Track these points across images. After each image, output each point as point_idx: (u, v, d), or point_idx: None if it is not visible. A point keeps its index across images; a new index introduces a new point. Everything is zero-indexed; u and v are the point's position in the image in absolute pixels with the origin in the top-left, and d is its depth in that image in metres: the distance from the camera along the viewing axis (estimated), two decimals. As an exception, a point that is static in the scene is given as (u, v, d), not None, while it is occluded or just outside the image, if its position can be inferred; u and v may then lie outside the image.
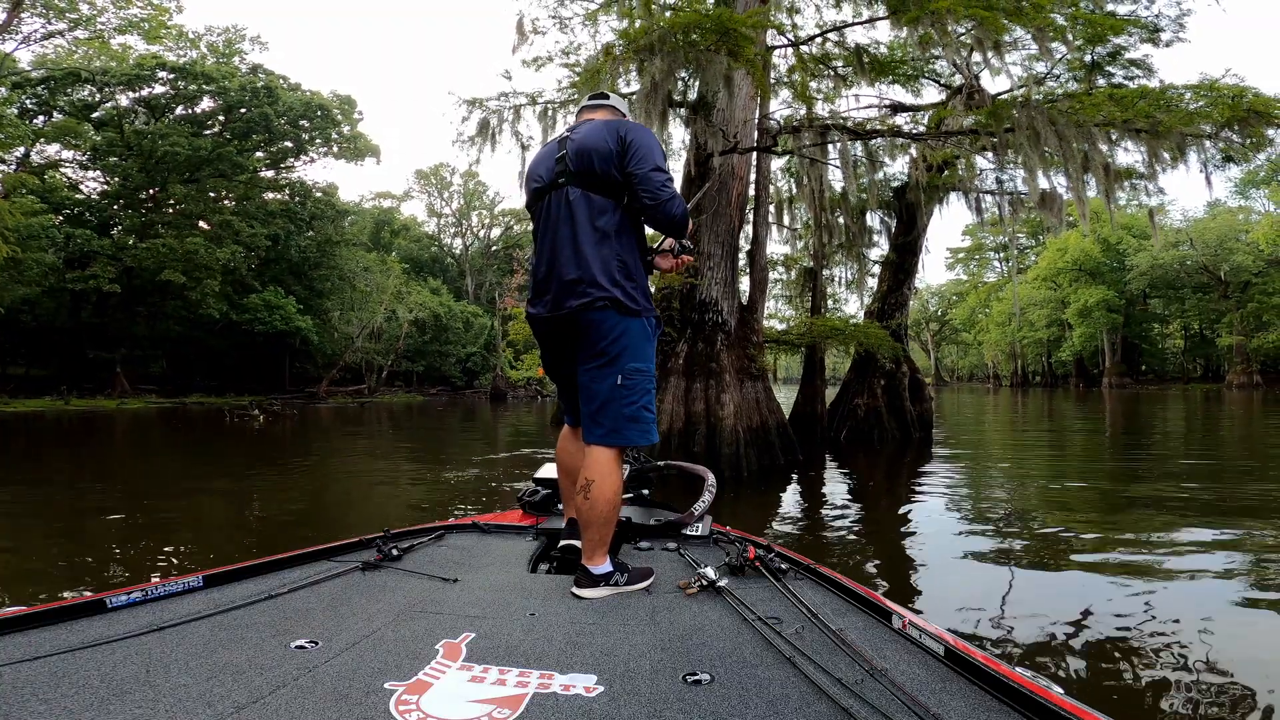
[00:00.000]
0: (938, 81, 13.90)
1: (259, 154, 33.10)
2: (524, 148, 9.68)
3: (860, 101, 15.03)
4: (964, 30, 9.46)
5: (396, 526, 2.61)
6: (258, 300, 31.81)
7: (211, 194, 31.64)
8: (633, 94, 9.05)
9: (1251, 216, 44.77)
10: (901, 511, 6.19)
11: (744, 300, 9.80)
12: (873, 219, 14.36)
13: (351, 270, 37.26)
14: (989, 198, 11.97)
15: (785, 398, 13.71)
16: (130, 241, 28.78)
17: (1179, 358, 54.09)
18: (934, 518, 5.85)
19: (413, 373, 44.08)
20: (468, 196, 53.94)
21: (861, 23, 11.99)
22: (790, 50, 13.13)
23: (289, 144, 33.22)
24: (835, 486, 7.87)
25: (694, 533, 2.60)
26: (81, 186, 31.41)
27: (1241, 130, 7.11)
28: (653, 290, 10.43)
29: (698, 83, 9.16)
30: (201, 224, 30.69)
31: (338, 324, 37.44)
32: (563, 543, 2.34)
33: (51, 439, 14.86)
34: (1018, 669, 1.30)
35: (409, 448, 13.02)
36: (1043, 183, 10.49)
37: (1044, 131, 7.63)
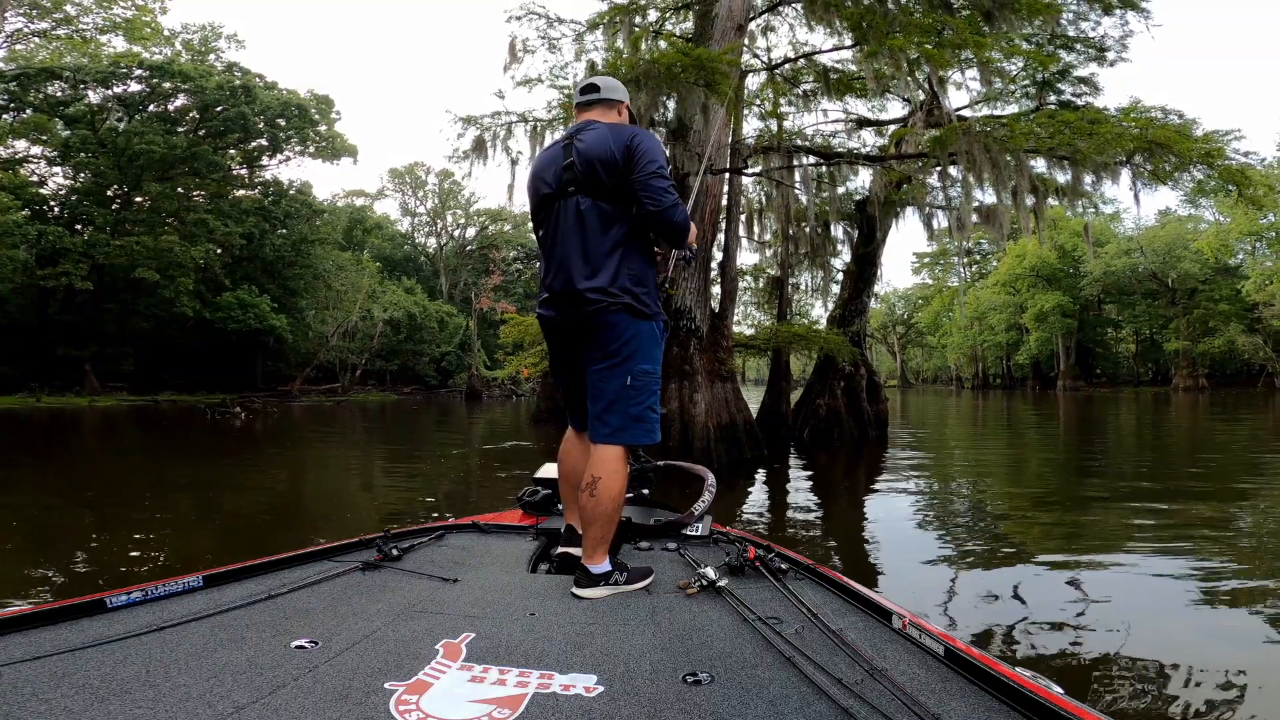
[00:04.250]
0: (902, 97, 14.81)
1: (232, 151, 33.05)
2: (514, 162, 10.38)
3: (828, 116, 15.89)
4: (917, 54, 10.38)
5: (395, 523, 2.74)
6: (231, 298, 31.80)
7: (181, 190, 31.49)
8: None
9: (1200, 225, 46.94)
10: (855, 499, 7.01)
11: (715, 308, 10.57)
12: (837, 230, 15.27)
13: (326, 269, 37.33)
14: (940, 213, 12.92)
15: (755, 398, 14.55)
16: (103, 238, 28.61)
17: (1130, 362, 56.24)
18: (886, 507, 6.68)
19: (386, 371, 44.14)
20: (442, 196, 54.03)
21: (828, 51, 12.88)
22: (763, 71, 14.01)
23: (265, 142, 33.21)
24: (797, 479, 8.68)
25: (694, 533, 2.61)
26: (50, 183, 31.12)
27: (1149, 158, 8.08)
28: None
29: (674, 105, 9.90)
30: (176, 221, 30.59)
31: (312, 323, 37.47)
32: (560, 550, 2.36)
33: (38, 436, 15.03)
34: (1018, 669, 1.31)
35: (390, 446, 13.53)
36: (989, 198, 11.49)
37: (980, 157, 8.54)
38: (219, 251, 32.02)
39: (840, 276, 15.05)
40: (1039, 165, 10.18)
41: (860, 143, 15.92)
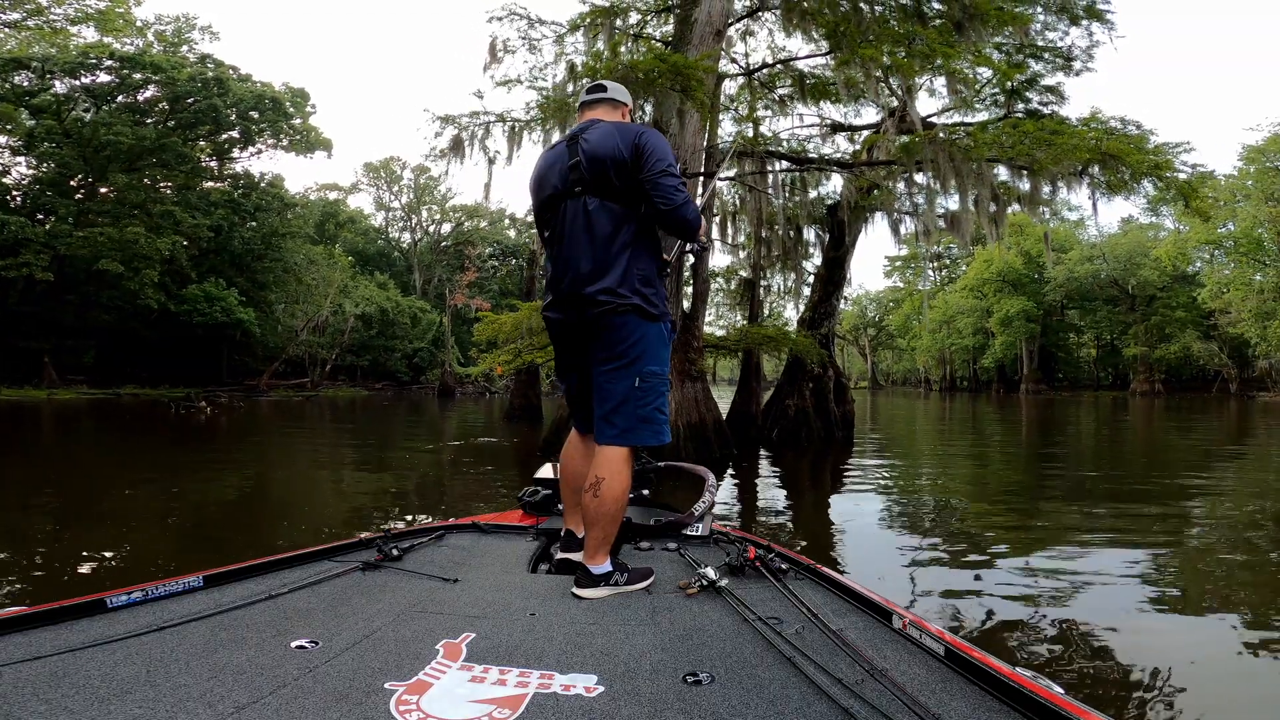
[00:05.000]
0: (876, 103, 15.11)
1: (203, 143, 32.48)
2: (491, 162, 10.43)
3: (804, 121, 16.16)
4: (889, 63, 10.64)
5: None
6: (197, 291, 31.23)
7: (148, 181, 30.86)
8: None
9: (1160, 233, 48.42)
10: (821, 497, 7.22)
11: (686, 309, 10.74)
12: (809, 233, 15.54)
13: (296, 262, 36.81)
14: (908, 218, 13.23)
15: (727, 398, 14.77)
16: (66, 229, 27.90)
17: (1091, 366, 57.79)
18: (850, 505, 6.89)
19: (357, 367, 43.62)
20: (418, 191, 53.52)
21: (804, 57, 13.13)
22: (741, 76, 14.23)
23: (236, 135, 32.71)
24: (765, 476, 8.88)
25: (694, 533, 2.62)
26: (13, 172, 30.24)
27: (1103, 169, 8.43)
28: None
29: (650, 109, 10.03)
30: (142, 213, 29.97)
31: (281, 317, 36.91)
32: (558, 556, 2.36)
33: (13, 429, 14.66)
34: (1018, 669, 1.31)
35: (359, 442, 13.47)
36: (953, 205, 11.84)
37: (944, 165, 8.83)
38: (185, 244, 31.41)
39: (811, 279, 15.33)
40: (1003, 173, 10.54)
41: (834, 147, 16.25)
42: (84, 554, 4.39)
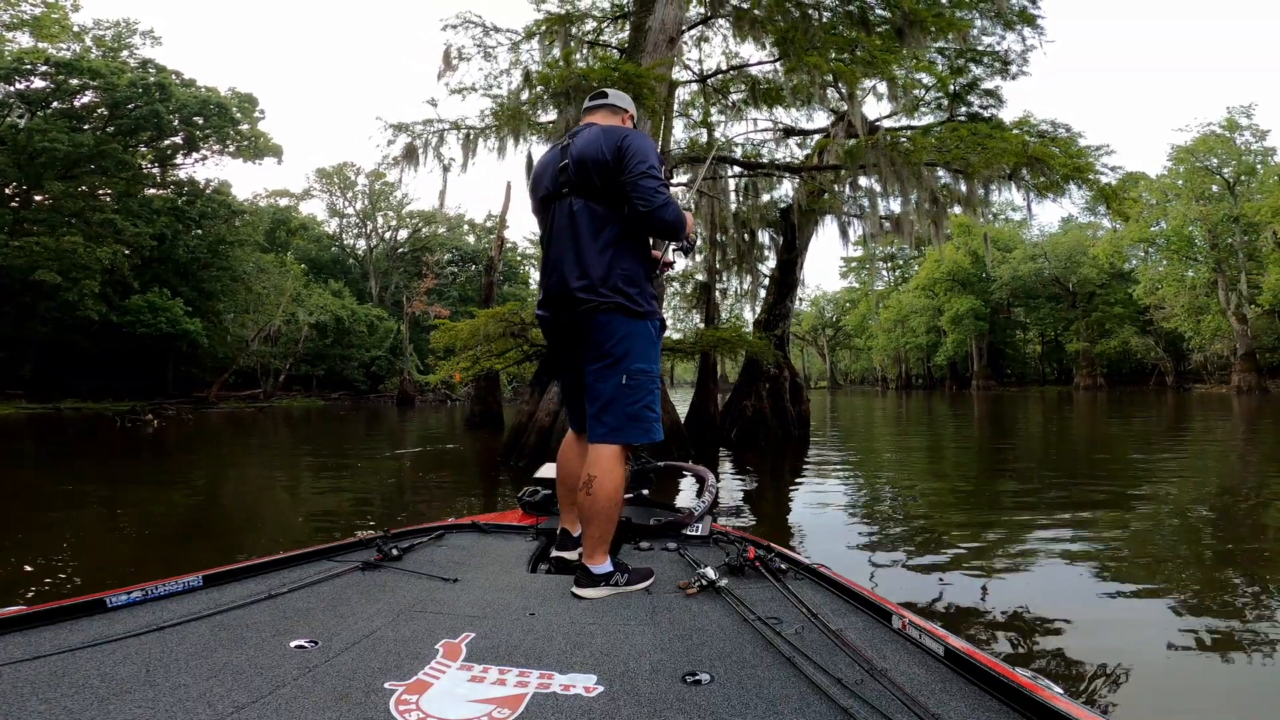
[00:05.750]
0: (828, 108, 15.49)
1: (144, 149, 31.48)
2: (445, 169, 10.39)
3: (757, 125, 16.49)
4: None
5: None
6: (140, 301, 30.18)
7: (86, 189, 29.77)
8: (549, 122, 9.97)
9: (1099, 232, 50.49)
10: (781, 493, 7.40)
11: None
12: (763, 236, 15.85)
13: (245, 271, 35.87)
14: (856, 220, 13.63)
15: (687, 400, 14.94)
16: (1, 239, 26.71)
17: (1037, 362, 59.94)
18: (808, 498, 7.09)
19: (312, 377, 42.64)
20: (373, 197, 52.59)
21: (756, 64, 13.43)
22: (694, 82, 14.46)
23: (179, 141, 31.81)
24: (723, 476, 9.05)
25: (694, 533, 2.61)
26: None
27: (1030, 171, 8.87)
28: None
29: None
30: (80, 221, 28.89)
31: (230, 327, 35.91)
32: (554, 554, 2.37)
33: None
34: (1018, 669, 1.31)
35: (315, 453, 13.25)
36: (896, 207, 12.24)
37: (885, 169, 9.16)
38: (127, 253, 30.37)
39: (767, 281, 15.63)
40: (946, 176, 10.96)
41: (788, 151, 16.62)
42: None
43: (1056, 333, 53.78)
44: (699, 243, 2.47)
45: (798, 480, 8.39)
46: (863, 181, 11.26)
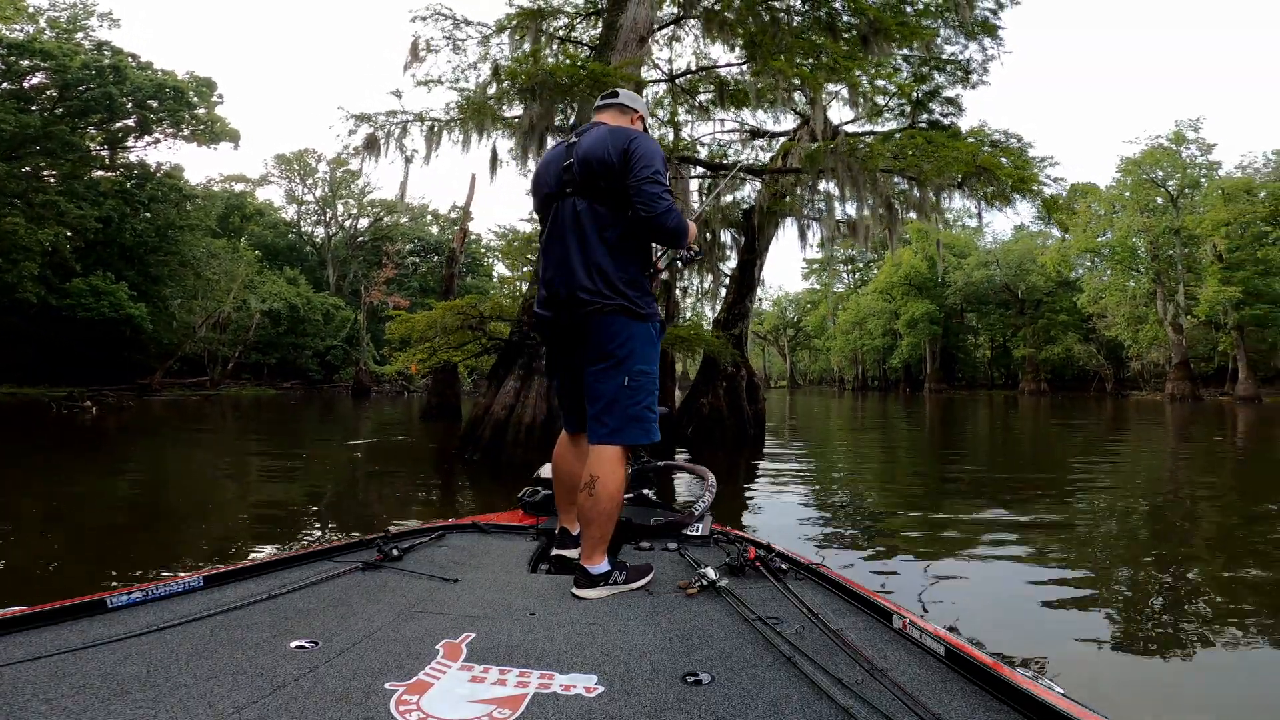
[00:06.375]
0: (794, 111, 15.69)
1: (94, 131, 30.39)
2: (407, 161, 10.26)
3: (724, 125, 16.64)
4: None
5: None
6: (82, 285, 29.02)
7: (29, 169, 28.53)
8: (515, 117, 9.91)
9: (1049, 241, 52.19)
10: (736, 488, 7.51)
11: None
12: (725, 236, 16.01)
13: (195, 256, 34.79)
14: (815, 223, 13.88)
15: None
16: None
17: (986, 367, 61.82)
18: (763, 493, 7.22)
19: (263, 365, 41.56)
20: (334, 184, 51.34)
21: (723, 66, 13.57)
22: (663, 82, 14.53)
23: (131, 123, 30.89)
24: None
25: (694, 533, 2.61)
26: None
27: (979, 181, 9.18)
28: (517, 300, 11.32)
29: (575, 114, 10.11)
30: (22, 203, 27.62)
31: (177, 312, 34.79)
32: (554, 553, 2.37)
33: None
34: (1018, 669, 1.31)
35: (263, 443, 12.96)
36: (852, 211, 12.52)
37: (843, 174, 9.37)
38: (70, 235, 29.18)
39: (727, 280, 15.79)
40: (902, 182, 11.24)
41: (754, 152, 16.83)
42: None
43: (1005, 338, 55.51)
44: (698, 252, 2.49)
45: (754, 479, 8.53)
46: (821, 185, 11.48)
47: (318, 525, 5.52)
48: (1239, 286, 32.32)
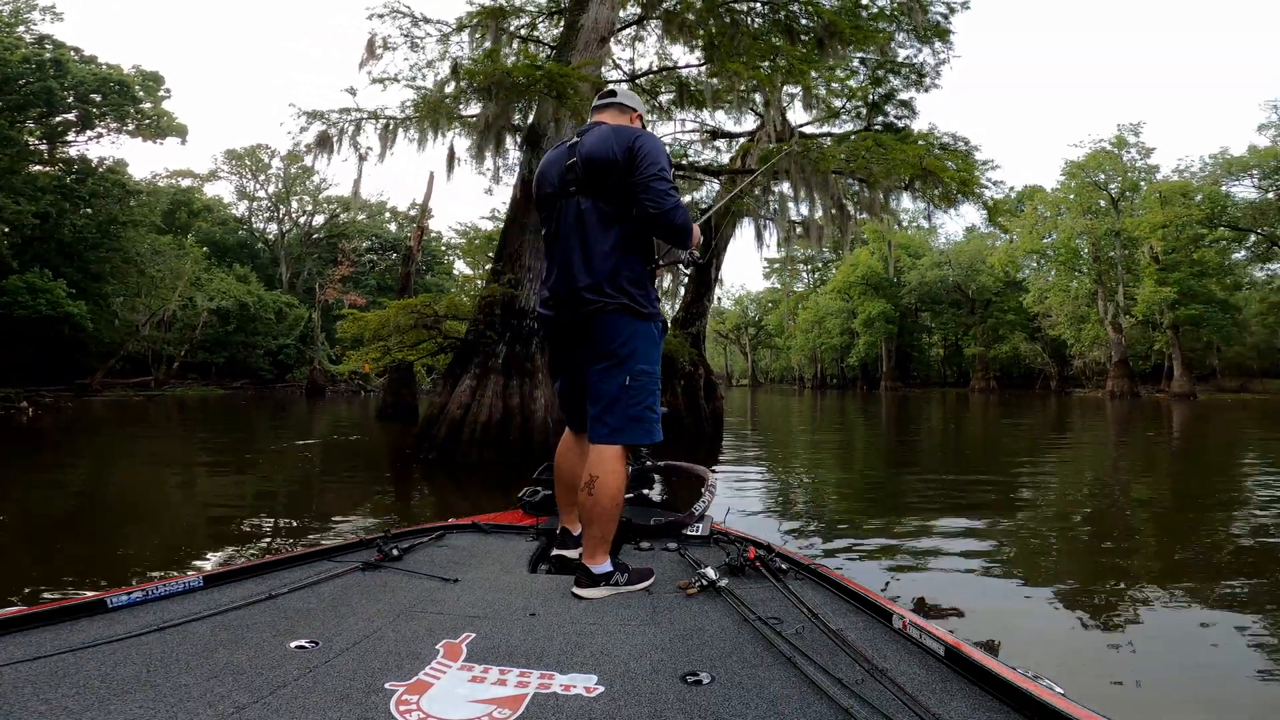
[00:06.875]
0: (755, 111, 15.85)
1: (32, 125, 29.20)
2: (362, 158, 10.10)
3: (685, 126, 16.74)
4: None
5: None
6: (19, 282, 27.72)
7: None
8: (473, 117, 9.83)
9: (998, 242, 53.82)
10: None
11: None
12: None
13: (139, 253, 33.59)
14: (771, 223, 14.09)
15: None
16: None
17: (939, 365, 63.43)
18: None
19: (211, 364, 40.25)
20: (288, 180, 49.93)
21: (683, 67, 13.68)
22: (625, 82, 14.54)
23: (72, 118, 29.88)
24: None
25: (694, 533, 2.61)
26: None
27: (925, 183, 9.47)
28: (475, 298, 11.22)
29: (533, 114, 10.06)
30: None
31: (119, 310, 33.53)
32: (554, 552, 2.38)
33: None
34: (1018, 669, 1.31)
35: (208, 444, 12.60)
36: (807, 212, 12.75)
37: (796, 176, 9.55)
38: (7, 230, 27.96)
39: (685, 280, 15.91)
40: (855, 184, 11.48)
41: (715, 152, 16.98)
42: None
43: (957, 337, 57.03)
44: (702, 259, 2.50)
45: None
46: (776, 187, 11.68)
47: (266, 532, 5.41)
48: (1174, 287, 33.79)
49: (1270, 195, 35.01)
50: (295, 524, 5.51)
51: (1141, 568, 4.21)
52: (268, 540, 4.93)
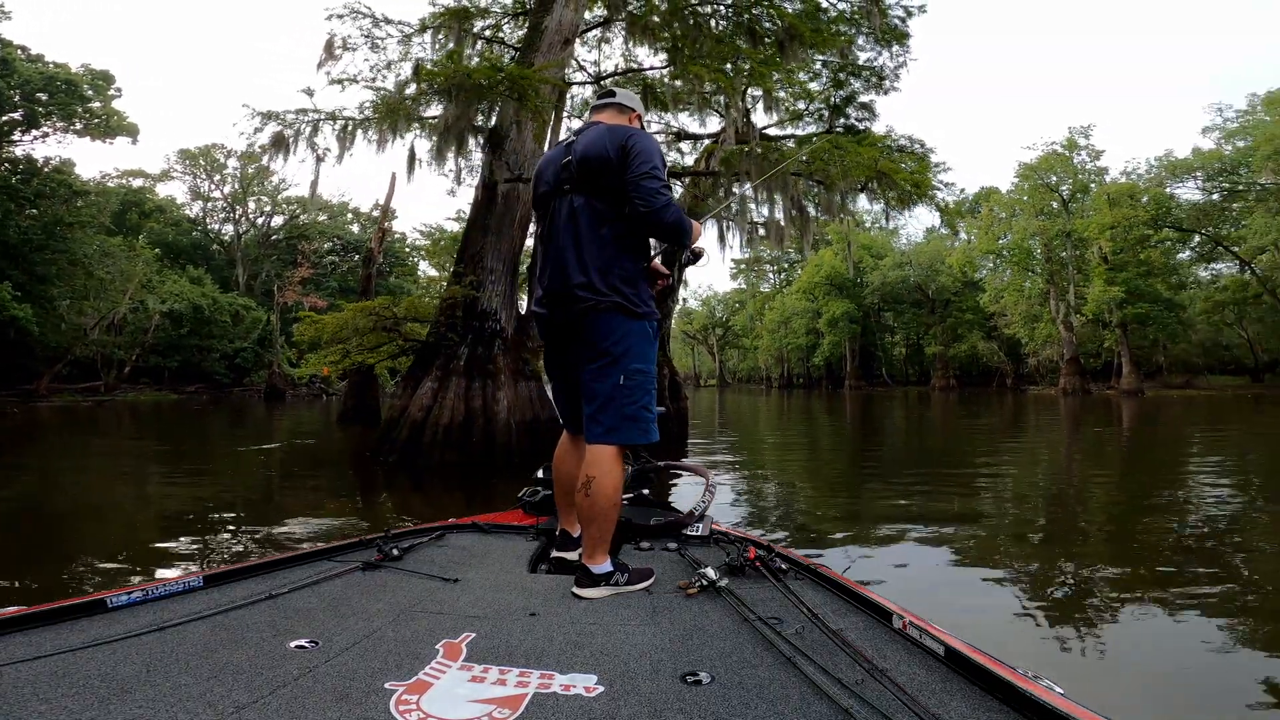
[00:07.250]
0: (719, 113, 15.98)
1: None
2: (319, 160, 9.94)
3: (652, 128, 16.79)
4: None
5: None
6: (-41, 285, 26.61)
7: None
8: (433, 118, 9.74)
9: (956, 243, 55.02)
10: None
11: (521, 310, 10.87)
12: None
13: (87, 254, 32.46)
14: (734, 225, 14.25)
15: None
16: None
17: (902, 364, 64.62)
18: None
19: (164, 369, 39.06)
20: (245, 181, 48.67)
21: (647, 69, 13.76)
22: (590, 84, 14.56)
23: (17, 117, 28.93)
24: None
25: (694, 533, 2.62)
26: None
27: (881, 185, 9.69)
28: (437, 301, 11.12)
29: (495, 115, 10.00)
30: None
31: (66, 314, 32.39)
32: (554, 554, 2.37)
33: None
34: (1018, 669, 1.31)
35: (161, 451, 12.26)
36: (768, 213, 12.94)
37: (755, 178, 9.70)
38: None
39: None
40: (814, 185, 11.66)
41: (680, 153, 17.09)
42: None
43: (918, 336, 58.16)
44: (702, 251, 2.46)
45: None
46: (737, 188, 11.83)
47: (222, 540, 5.30)
48: (1122, 287, 34.95)
49: (1214, 197, 36.44)
50: (255, 531, 5.40)
51: (1141, 568, 4.22)
52: (224, 550, 4.84)
